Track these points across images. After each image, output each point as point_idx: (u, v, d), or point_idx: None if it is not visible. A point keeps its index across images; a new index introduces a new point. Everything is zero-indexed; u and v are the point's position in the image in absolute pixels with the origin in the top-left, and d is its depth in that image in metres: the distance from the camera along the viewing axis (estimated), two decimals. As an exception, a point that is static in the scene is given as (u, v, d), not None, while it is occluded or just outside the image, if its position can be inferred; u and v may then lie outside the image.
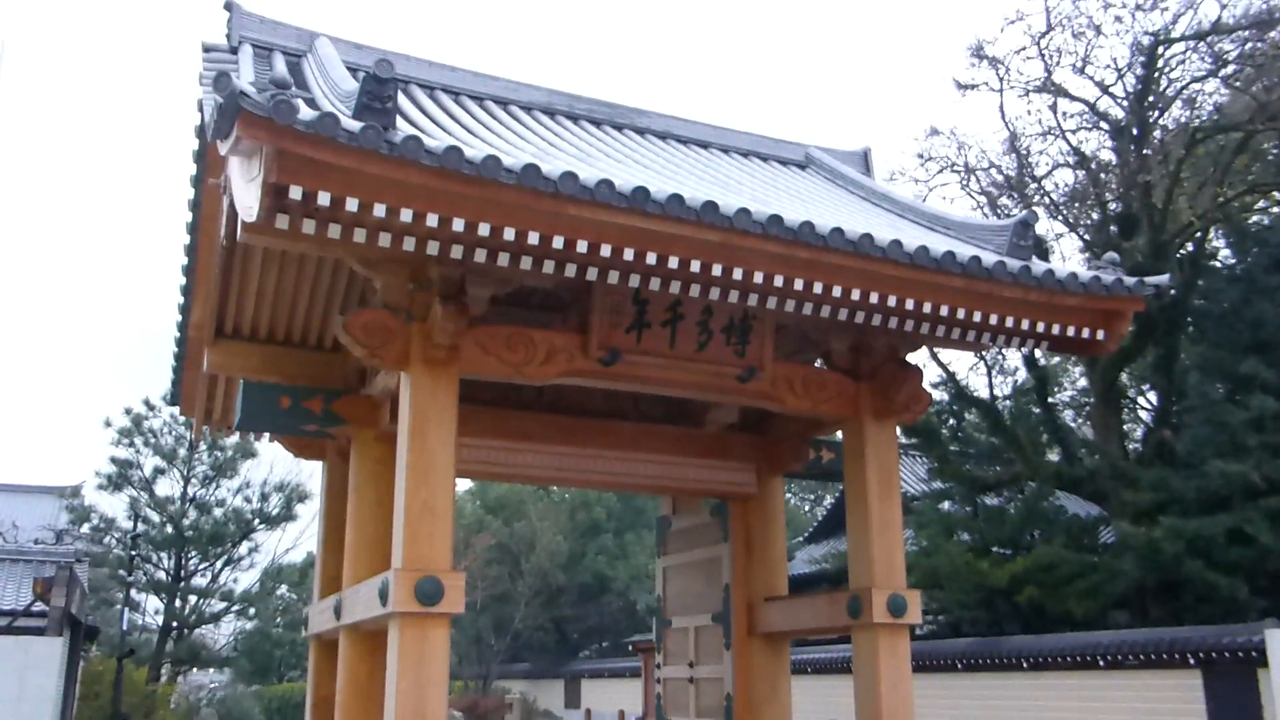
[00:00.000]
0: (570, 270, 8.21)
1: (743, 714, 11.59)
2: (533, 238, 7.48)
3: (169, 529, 23.64)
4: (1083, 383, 28.25)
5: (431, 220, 7.22)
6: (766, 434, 12.35)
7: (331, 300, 10.93)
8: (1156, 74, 20.68)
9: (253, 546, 24.75)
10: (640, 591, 38.13)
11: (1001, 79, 22.19)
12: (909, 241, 8.68)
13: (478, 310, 8.85)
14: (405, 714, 7.67)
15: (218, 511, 24.02)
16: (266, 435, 13.76)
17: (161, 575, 24.21)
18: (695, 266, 8.00)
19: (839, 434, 12.30)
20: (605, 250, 7.71)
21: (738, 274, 8.15)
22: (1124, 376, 22.73)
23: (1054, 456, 23.52)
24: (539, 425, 11.07)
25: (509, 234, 7.43)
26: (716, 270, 8.07)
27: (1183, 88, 20.74)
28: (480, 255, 7.92)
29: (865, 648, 9.86)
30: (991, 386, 23.81)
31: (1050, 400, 23.87)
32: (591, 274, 8.28)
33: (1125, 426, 23.16)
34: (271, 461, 28.18)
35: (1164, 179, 19.13)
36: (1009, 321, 9.31)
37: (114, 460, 22.99)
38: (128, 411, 23.39)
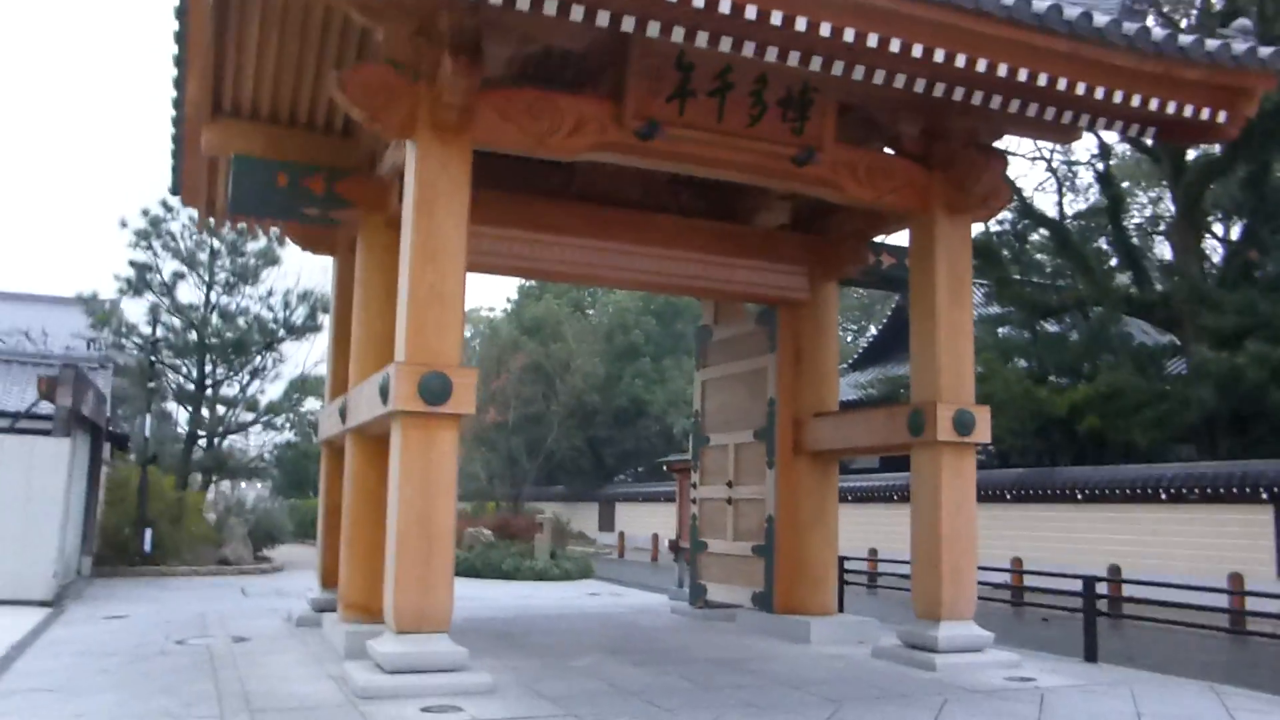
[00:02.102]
0: (603, 19, 7.06)
1: (786, 537, 10.98)
2: (556, -33, 6.28)
3: (191, 336, 23.18)
4: (1157, 208, 26.73)
5: (433, -61, 6.01)
6: (821, 234, 11.29)
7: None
8: None
9: (278, 357, 24.28)
10: (677, 416, 37.86)
11: None
12: (1007, -9, 7.36)
13: (496, 72, 7.73)
14: (409, 523, 7.01)
15: (241, 320, 23.46)
16: (282, 236, 12.97)
17: (186, 383, 23.93)
18: (750, 13, 6.80)
19: (901, 238, 11.25)
20: (651, -12, 6.49)
21: (800, 25, 6.94)
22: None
23: (1123, 281, 22.26)
24: (567, 215, 10.08)
25: (527, -39, 6.22)
26: (776, 19, 6.86)
27: None
28: (496, -2, 6.77)
29: (927, 468, 9.06)
30: (1061, 205, 22.35)
31: (1123, 222, 22.39)
32: (628, 24, 7.14)
33: (1204, 250, 21.73)
34: (299, 272, 27.53)
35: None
36: (1117, 97, 8.06)
37: (132, 264, 22.35)
38: (145, 213, 22.59)
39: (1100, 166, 21.96)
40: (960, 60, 7.43)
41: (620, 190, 10.61)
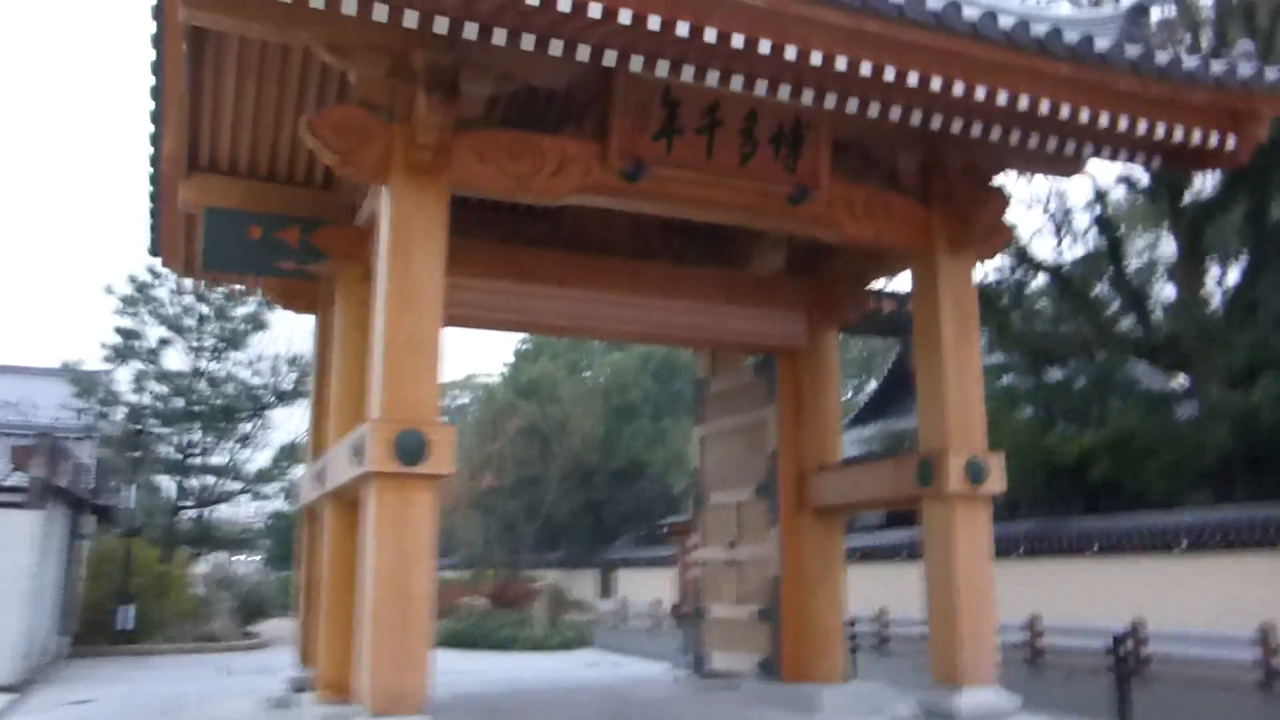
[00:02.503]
0: (583, 53, 6.77)
1: (791, 599, 10.46)
2: (531, -4, 5.98)
3: (178, 403, 22.75)
4: (1155, 250, 26.45)
5: (401, -32, 5.71)
6: (819, 277, 10.94)
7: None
8: None
9: (266, 423, 23.87)
10: (678, 476, 37.29)
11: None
12: (1005, 17, 7.08)
13: (474, 113, 7.43)
14: (384, 593, 6.53)
15: (229, 387, 23.05)
16: (268, 300, 12.63)
17: (172, 452, 23.43)
18: (737, 43, 6.50)
19: (901, 283, 10.93)
20: (624, 17, 6.22)
21: (790, 54, 6.63)
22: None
23: (1127, 324, 21.87)
24: (555, 265, 9.74)
25: (499, -10, 5.92)
26: (764, 48, 6.56)
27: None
28: (471, 31, 6.49)
29: (938, 522, 8.58)
30: (1060, 249, 22.03)
31: (1123, 265, 22.09)
32: (609, 58, 6.85)
33: (1206, 290, 21.38)
34: (288, 336, 27.21)
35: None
36: (1122, 123, 7.74)
37: (118, 331, 22.00)
38: (133, 280, 22.31)
39: (1097, 209, 21.71)
40: (958, 88, 7.12)
41: (610, 238, 10.28)
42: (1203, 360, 18.26)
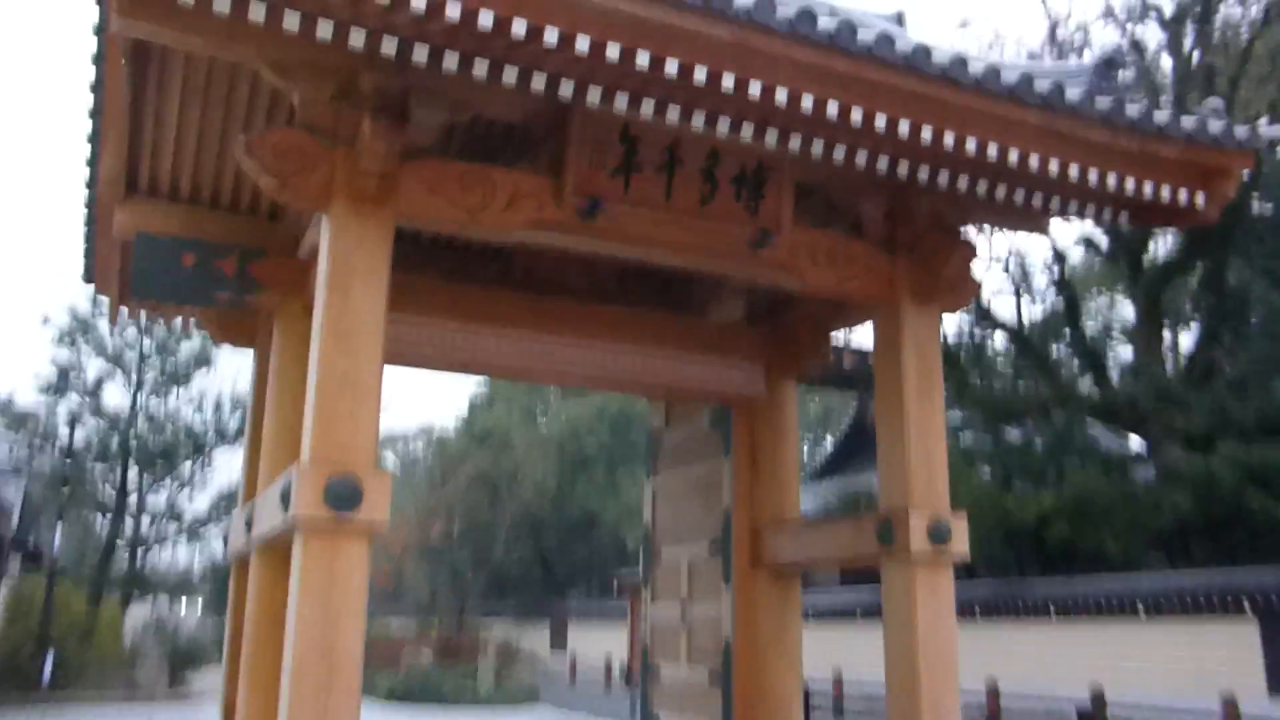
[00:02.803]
0: (539, 83, 6.47)
1: (744, 662, 10.05)
2: (485, 20, 5.72)
3: (114, 441, 21.98)
4: (1113, 311, 26.63)
5: (346, -19, 5.39)
6: (779, 327, 10.66)
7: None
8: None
9: (207, 465, 23.11)
10: (631, 529, 36.78)
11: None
12: (975, 63, 6.90)
13: (425, 142, 7.11)
14: (308, 649, 6.07)
15: (169, 427, 22.33)
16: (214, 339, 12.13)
17: (106, 492, 22.60)
18: (700, 76, 6.23)
19: (864, 338, 10.67)
20: (582, 45, 5.94)
21: (754, 90, 6.38)
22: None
23: (1085, 385, 21.91)
24: (506, 305, 9.38)
25: (452, 12, 5.64)
26: (727, 83, 6.31)
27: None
28: (421, 55, 6.19)
29: (899, 583, 8.25)
30: (1019, 308, 22.08)
31: (1080, 326, 22.18)
32: (566, 90, 6.56)
33: (1164, 353, 21.48)
34: (234, 375, 26.53)
35: (1229, 64, 17.25)
36: (1091, 176, 7.56)
37: (55, 364, 21.27)
38: (71, 312, 21.63)
39: (1056, 271, 21.84)
40: (926, 134, 6.91)
41: (564, 280, 9.95)
42: (1160, 423, 18.25)
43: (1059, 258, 21.88)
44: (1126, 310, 24.10)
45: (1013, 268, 21.98)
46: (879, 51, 6.47)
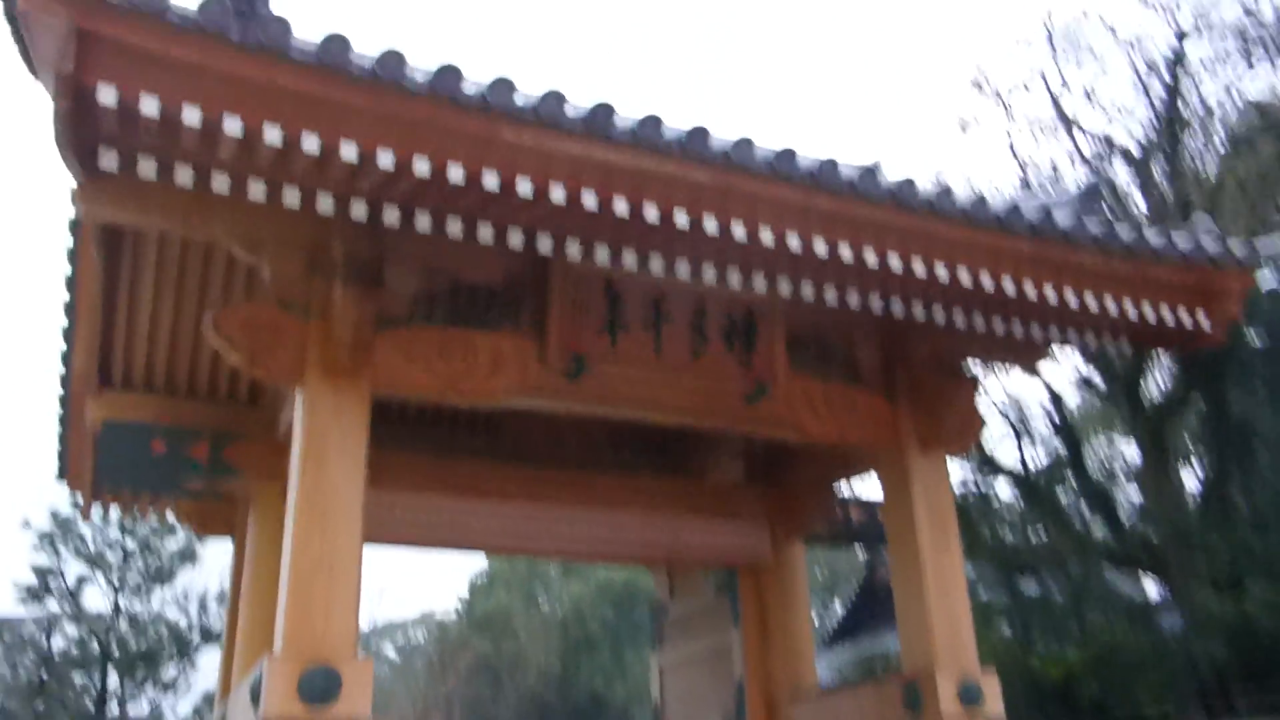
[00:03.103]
0: (515, 239, 6.29)
1: None
2: (455, 174, 5.53)
3: (94, 646, 21.04)
4: (1114, 450, 26.26)
5: (309, 145, 5.25)
6: (781, 485, 10.23)
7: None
8: (1180, 82, 19.29)
9: (191, 666, 22.06)
10: (640, 709, 35.15)
11: (1008, 109, 20.78)
12: (961, 194, 6.77)
13: (401, 310, 6.87)
14: None
15: (152, 629, 21.44)
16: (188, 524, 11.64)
17: (85, 702, 21.47)
18: (681, 221, 6.04)
19: (870, 490, 10.28)
20: (557, 195, 5.75)
21: (738, 232, 6.19)
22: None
23: (1098, 531, 21.29)
24: (496, 478, 8.97)
25: (421, 168, 5.46)
26: (710, 226, 6.12)
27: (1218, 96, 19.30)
28: (392, 217, 6.01)
29: (931, 751, 7.55)
30: (1023, 455, 21.67)
31: (1086, 469, 21.75)
32: (544, 245, 6.36)
33: (1175, 491, 20.95)
34: (221, 571, 25.70)
35: (1203, 197, 17.47)
36: (1089, 302, 7.32)
37: (34, 569, 20.56)
38: (54, 515, 21.07)
39: (1055, 413, 21.57)
40: (918, 268, 6.69)
41: (556, 448, 9.59)
42: (1181, 566, 17.59)
43: (1056, 400, 21.63)
44: (1131, 450, 23.69)
45: (1011, 413, 21.67)
46: (863, 187, 6.32)
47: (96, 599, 22.89)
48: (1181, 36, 19.01)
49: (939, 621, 7.80)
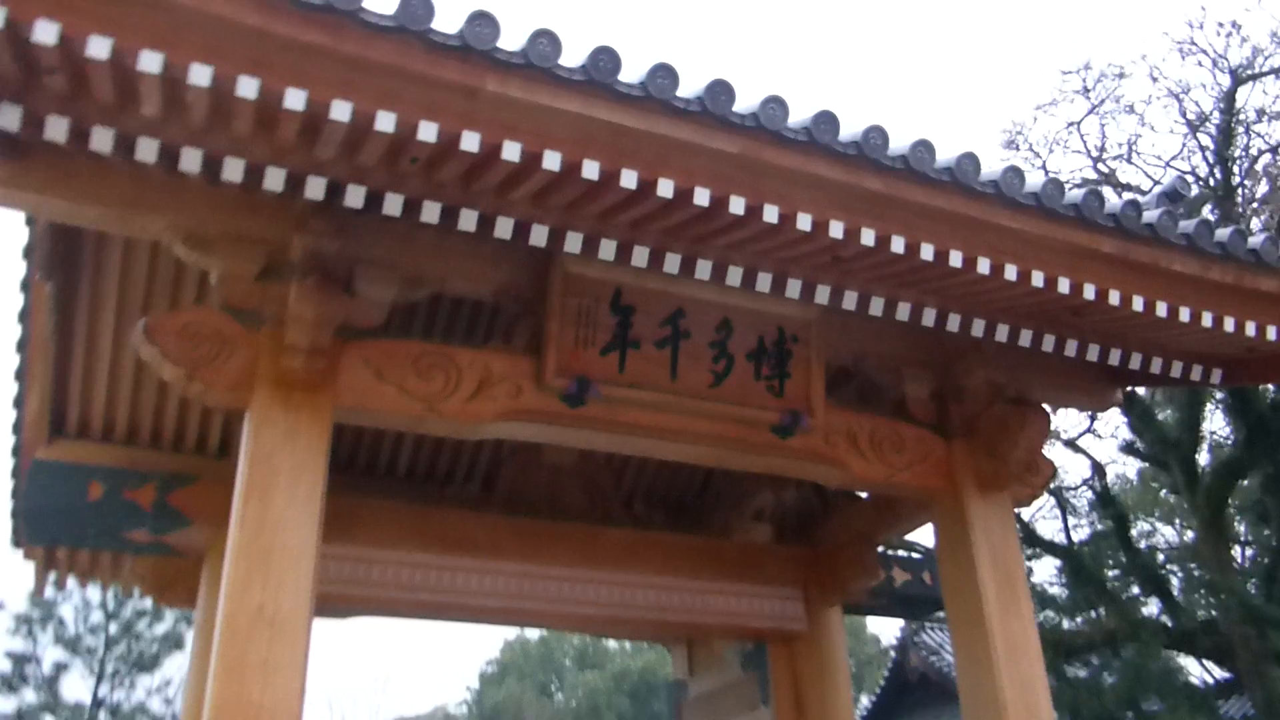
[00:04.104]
0: (504, 229, 5.30)
1: None
2: (426, 132, 4.55)
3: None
4: (1162, 523, 24.83)
5: (246, 88, 4.28)
6: (815, 543, 9.06)
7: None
8: (1233, 129, 18.44)
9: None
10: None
11: (1045, 169, 19.97)
12: (1032, 177, 5.75)
13: (372, 320, 5.88)
14: None
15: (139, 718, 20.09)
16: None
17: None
18: (701, 198, 5.03)
19: (918, 546, 9.09)
20: (551, 162, 4.76)
21: (770, 215, 5.16)
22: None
23: (1150, 611, 19.83)
24: (489, 532, 7.85)
25: (385, 123, 4.49)
26: (736, 207, 5.11)
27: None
28: (355, 198, 5.05)
29: None
30: (1066, 529, 20.33)
31: (1133, 543, 20.37)
32: (539, 238, 5.40)
33: (1235, 565, 19.57)
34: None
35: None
36: (1181, 315, 6.23)
37: (10, 655, 19.32)
38: (34, 598, 19.89)
39: (1098, 484, 20.31)
40: (983, 266, 5.65)
41: (557, 499, 8.47)
42: (1250, 647, 16.14)
43: (1098, 471, 20.37)
44: (1182, 520, 22.31)
45: (1053, 484, 20.38)
46: (916, 162, 5.30)
47: (76, 687, 21.59)
48: (1235, 80, 18.24)
49: (1011, 696, 6.56)
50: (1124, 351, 6.86)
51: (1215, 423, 19.44)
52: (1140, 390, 17.29)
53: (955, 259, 5.58)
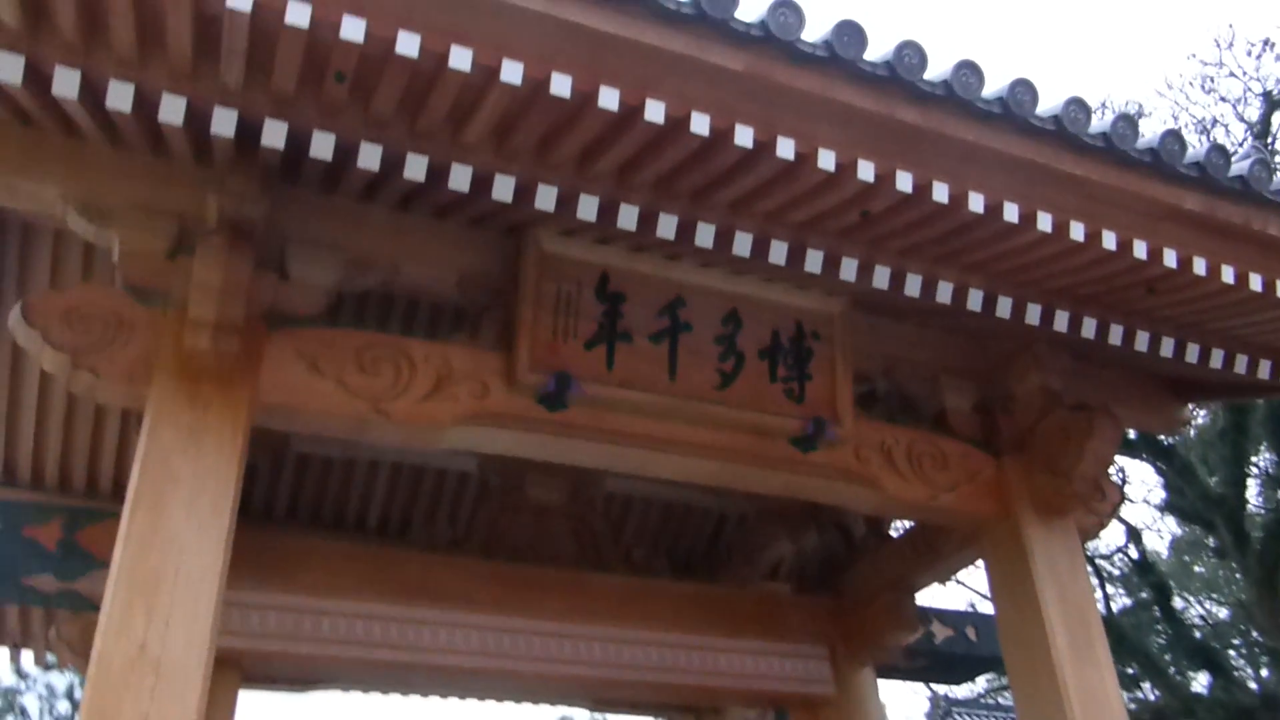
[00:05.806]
0: (460, 180, 4.38)
1: None
2: (351, 29, 3.63)
3: None
4: (1206, 605, 23.44)
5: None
6: (842, 593, 7.91)
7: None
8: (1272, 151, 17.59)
9: None
10: None
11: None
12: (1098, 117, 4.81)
13: (307, 306, 4.93)
14: None
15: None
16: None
17: None
18: (699, 126, 4.10)
19: (952, 600, 7.93)
20: (511, 74, 3.82)
21: (784, 149, 4.21)
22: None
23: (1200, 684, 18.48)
24: (460, 579, 6.76)
25: (298, 17, 3.56)
26: (742, 139, 4.16)
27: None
28: (275, 136, 4.14)
29: None
30: (1106, 597, 19.00)
31: (1174, 612, 19.07)
32: (504, 191, 4.45)
33: None
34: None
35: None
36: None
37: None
38: (-6, 689, 18.62)
39: (1134, 551, 19.07)
40: (1043, 221, 4.68)
41: (543, 544, 7.36)
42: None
43: (1134, 536, 19.13)
44: (1221, 592, 21.00)
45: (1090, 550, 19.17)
46: (963, 91, 4.36)
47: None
48: (1269, 104, 17.44)
49: (1092, 763, 5.42)
50: (1202, 348, 5.86)
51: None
52: (1200, 413, 16.24)
53: (1010, 212, 4.62)
